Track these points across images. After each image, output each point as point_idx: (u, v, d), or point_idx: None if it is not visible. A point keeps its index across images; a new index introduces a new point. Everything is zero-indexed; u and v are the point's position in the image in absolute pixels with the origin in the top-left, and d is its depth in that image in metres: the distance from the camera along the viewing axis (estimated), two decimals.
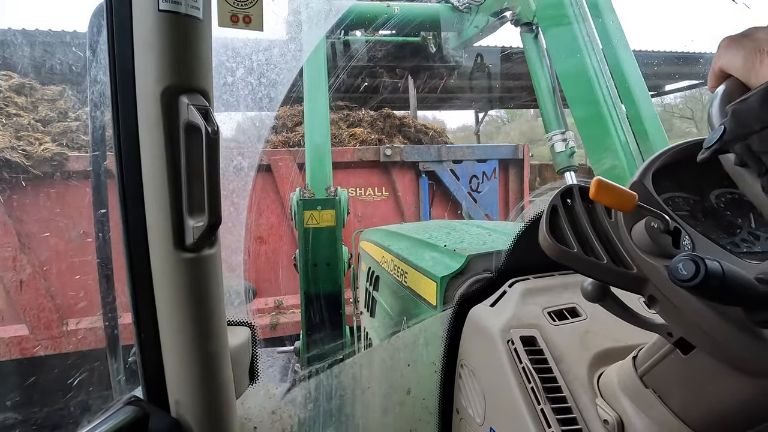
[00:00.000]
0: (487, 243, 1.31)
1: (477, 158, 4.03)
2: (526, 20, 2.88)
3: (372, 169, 3.87)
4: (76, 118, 3.77)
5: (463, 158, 3.99)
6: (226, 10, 0.64)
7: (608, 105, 2.19)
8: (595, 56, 2.28)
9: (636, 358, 0.61)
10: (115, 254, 0.82)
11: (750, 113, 0.38)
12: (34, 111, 3.69)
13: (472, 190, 4.05)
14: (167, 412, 0.64)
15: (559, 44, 2.51)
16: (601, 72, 2.25)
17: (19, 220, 3.20)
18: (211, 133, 0.55)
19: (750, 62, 0.43)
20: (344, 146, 4.16)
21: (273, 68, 1.18)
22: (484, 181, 4.06)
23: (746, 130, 0.38)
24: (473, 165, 4.03)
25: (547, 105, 2.78)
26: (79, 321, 3.35)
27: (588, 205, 0.54)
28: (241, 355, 0.79)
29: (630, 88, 2.22)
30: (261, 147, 1.23)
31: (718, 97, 0.45)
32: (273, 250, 3.68)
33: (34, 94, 3.82)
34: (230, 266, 1.01)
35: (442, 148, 3.98)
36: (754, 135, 0.38)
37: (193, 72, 0.57)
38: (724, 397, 0.49)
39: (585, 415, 0.66)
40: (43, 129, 3.56)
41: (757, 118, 0.37)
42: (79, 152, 3.45)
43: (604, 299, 0.54)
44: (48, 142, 3.37)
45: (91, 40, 0.70)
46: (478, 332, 0.88)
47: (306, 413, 1.05)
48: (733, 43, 0.46)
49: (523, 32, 2.93)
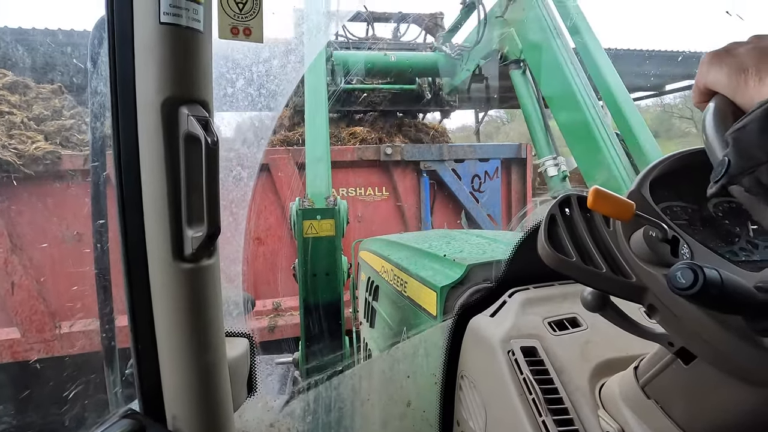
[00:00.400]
0: (487, 252, 1.31)
1: (479, 157, 3.98)
2: (513, 58, 3.12)
3: (372, 169, 3.81)
4: (71, 116, 3.74)
5: (465, 157, 3.94)
6: (226, 23, 0.65)
7: (597, 124, 2.35)
8: (580, 81, 2.46)
9: (637, 369, 0.61)
10: (113, 264, 0.82)
11: (751, 143, 0.37)
12: (28, 109, 3.66)
13: (474, 190, 4.00)
14: (164, 426, 0.63)
15: (545, 72, 2.72)
16: (587, 94, 2.43)
17: (11, 220, 3.16)
18: (210, 144, 0.55)
19: (734, 81, 0.43)
20: (344, 145, 4.13)
21: (273, 79, 1.19)
22: (486, 181, 4.01)
23: (752, 162, 0.37)
24: (475, 164, 3.98)
25: (537, 133, 3.00)
26: (72, 324, 3.30)
27: (586, 215, 0.54)
28: (239, 367, 0.78)
29: (618, 105, 2.36)
30: (260, 156, 1.24)
31: (710, 114, 0.44)
32: (272, 251, 3.63)
33: (29, 92, 3.79)
34: (229, 277, 1.01)
35: (444, 147, 3.92)
36: (761, 166, 0.36)
37: (194, 83, 0.57)
38: (727, 406, 0.49)
39: (587, 427, 0.65)
40: (37, 127, 3.52)
41: (760, 148, 0.36)
42: (73, 151, 3.42)
43: (604, 309, 0.54)
44: (41, 140, 3.34)
45: (93, 52, 0.71)
46: (478, 343, 0.88)
47: (305, 426, 1.03)
48: (716, 60, 0.45)
49: (511, 70, 3.18)
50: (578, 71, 2.48)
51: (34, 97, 3.78)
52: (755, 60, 0.42)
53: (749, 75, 0.42)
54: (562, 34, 2.61)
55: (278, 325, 3.50)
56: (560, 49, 2.55)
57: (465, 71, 4.00)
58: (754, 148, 0.36)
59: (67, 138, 3.57)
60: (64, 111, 3.78)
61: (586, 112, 2.35)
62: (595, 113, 2.35)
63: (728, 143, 0.39)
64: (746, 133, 0.37)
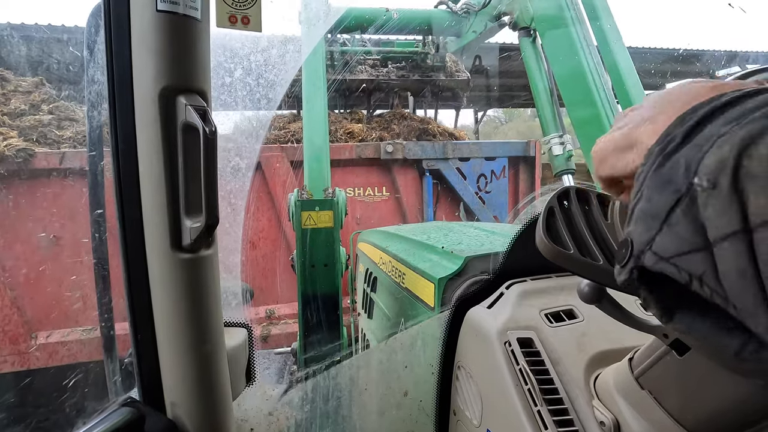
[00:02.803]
0: (485, 245, 1.32)
1: (485, 155, 3.78)
2: (524, 24, 2.90)
3: (371, 168, 3.61)
4: (50, 111, 3.56)
5: (471, 155, 3.73)
6: (224, 11, 0.64)
7: (605, 107, 2.23)
8: (592, 59, 2.31)
9: (632, 360, 0.61)
10: (111, 255, 0.82)
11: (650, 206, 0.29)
12: (6, 104, 3.47)
13: (480, 190, 3.81)
14: (163, 414, 0.64)
15: (556, 47, 2.54)
16: (598, 74, 2.29)
17: None
18: (208, 134, 0.55)
19: (623, 141, 0.37)
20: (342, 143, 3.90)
21: (271, 69, 1.18)
22: (492, 180, 3.80)
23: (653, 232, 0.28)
24: (481, 163, 3.77)
25: (544, 108, 2.80)
26: (49, 334, 3.08)
27: (584, 207, 0.54)
28: (238, 357, 0.79)
29: (627, 91, 2.25)
30: (258, 147, 1.23)
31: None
32: (263, 255, 3.45)
33: (6, 85, 3.62)
34: (227, 267, 1.01)
35: (448, 145, 3.71)
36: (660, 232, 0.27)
37: (191, 72, 0.56)
38: (720, 398, 0.49)
39: (581, 417, 0.66)
40: (11, 123, 3.33)
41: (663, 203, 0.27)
42: (50, 148, 3.21)
43: (600, 301, 0.54)
44: (14, 136, 3.15)
45: (89, 39, 0.70)
46: (475, 334, 0.88)
47: (303, 415, 1.05)
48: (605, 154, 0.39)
49: (521, 36, 2.95)
50: (591, 49, 2.32)
51: (12, 90, 3.61)
52: (638, 117, 0.36)
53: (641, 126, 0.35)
54: (578, 7, 2.42)
55: (272, 334, 3.29)
56: (574, 21, 2.36)
57: (471, 33, 3.74)
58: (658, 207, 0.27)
59: (44, 134, 3.38)
60: (43, 105, 3.60)
61: (596, 94, 2.21)
62: (605, 96, 2.22)
63: (629, 217, 0.31)
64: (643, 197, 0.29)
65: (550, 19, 2.57)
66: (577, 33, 2.36)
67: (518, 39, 2.98)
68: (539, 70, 2.83)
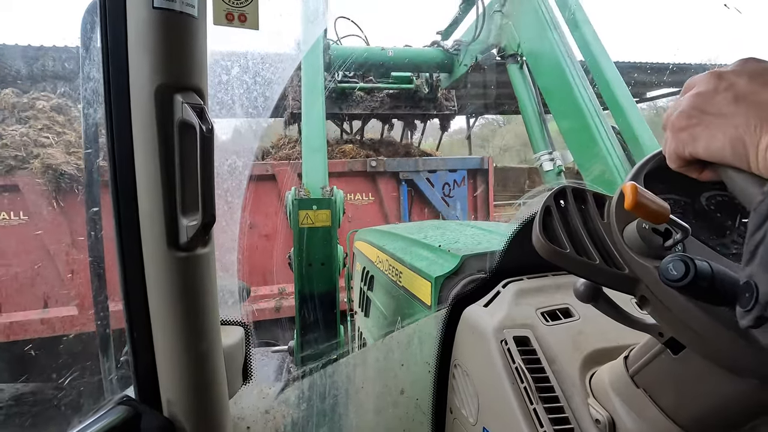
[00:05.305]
0: (482, 243, 1.32)
1: (449, 168, 4.89)
2: (511, 52, 3.15)
3: (359, 178, 4.60)
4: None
5: (437, 168, 4.83)
6: (221, 9, 0.63)
7: (592, 115, 2.36)
8: (576, 73, 2.48)
9: (627, 358, 0.62)
10: (107, 252, 0.81)
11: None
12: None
13: (445, 195, 4.85)
14: (159, 412, 0.64)
15: (542, 66, 2.75)
16: (583, 86, 2.44)
17: None
18: (205, 132, 0.55)
19: (741, 148, 0.33)
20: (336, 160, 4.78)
21: (269, 67, 1.17)
22: (455, 188, 4.87)
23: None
24: (446, 174, 4.87)
25: (534, 128, 3.06)
26: None
27: (581, 206, 0.54)
28: (234, 355, 0.79)
29: (616, 98, 2.38)
30: (256, 146, 1.23)
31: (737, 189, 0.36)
32: (274, 246, 4.30)
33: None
34: (224, 265, 1.01)
35: (419, 160, 4.83)
36: None
37: (188, 70, 0.56)
38: (714, 396, 0.50)
39: (577, 415, 0.67)
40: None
41: None
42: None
43: (596, 300, 0.55)
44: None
45: (85, 36, 0.69)
46: (471, 332, 0.89)
47: (299, 413, 1.05)
48: (697, 124, 0.36)
49: (509, 64, 3.20)
50: (575, 64, 2.50)
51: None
52: (754, 112, 0.33)
53: (757, 132, 0.32)
54: (560, 27, 2.61)
55: (283, 306, 4.16)
56: (557, 42, 2.56)
57: (462, 66, 4.05)
58: None
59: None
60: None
61: (583, 105, 2.36)
62: (591, 106, 2.36)
63: (752, 256, 0.29)
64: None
65: (534, 41, 2.78)
66: (560, 51, 2.54)
67: (507, 67, 3.22)
68: (527, 93, 3.09)
